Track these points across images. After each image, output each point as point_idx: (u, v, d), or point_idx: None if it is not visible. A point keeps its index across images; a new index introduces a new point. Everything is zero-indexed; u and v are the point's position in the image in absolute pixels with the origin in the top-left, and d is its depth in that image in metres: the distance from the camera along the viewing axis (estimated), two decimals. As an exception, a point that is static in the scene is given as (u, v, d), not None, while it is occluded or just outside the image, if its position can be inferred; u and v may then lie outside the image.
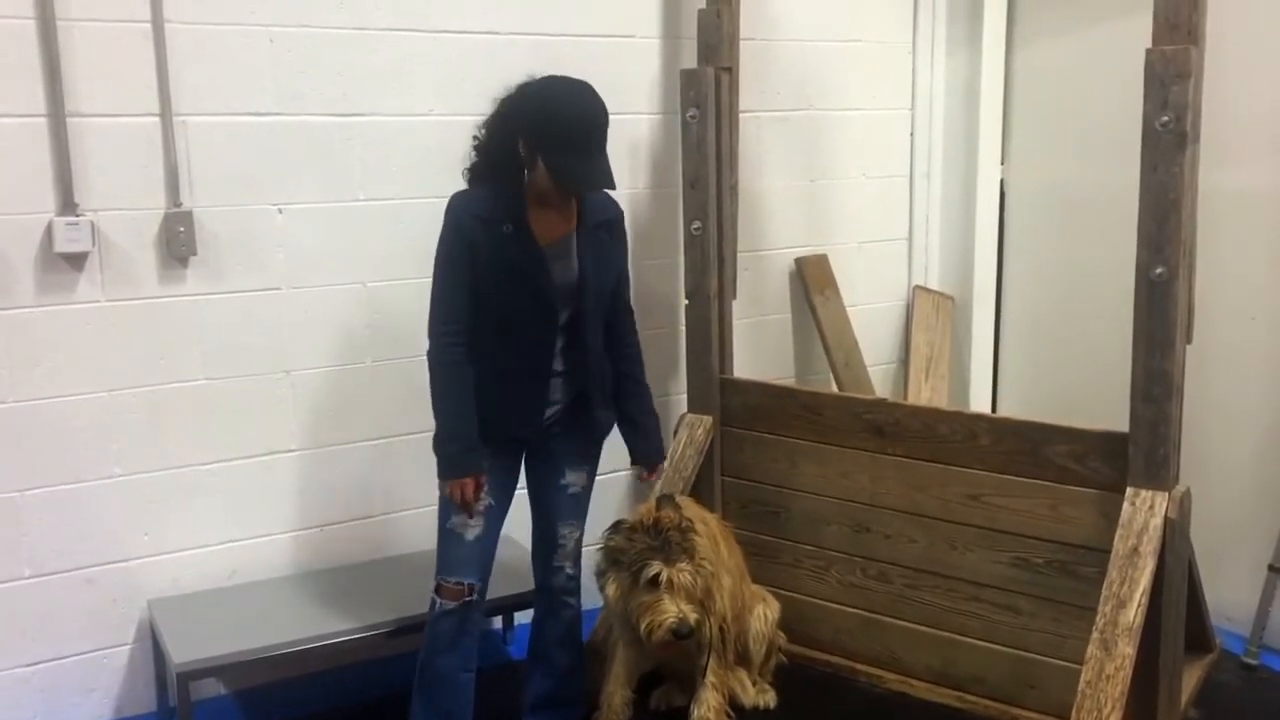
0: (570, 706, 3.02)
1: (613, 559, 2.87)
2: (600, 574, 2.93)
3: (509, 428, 2.75)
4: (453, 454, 2.67)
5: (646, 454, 2.99)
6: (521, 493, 2.93)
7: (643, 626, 2.81)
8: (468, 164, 2.73)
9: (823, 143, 4.12)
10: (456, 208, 2.66)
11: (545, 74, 2.66)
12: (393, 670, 3.33)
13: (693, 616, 2.78)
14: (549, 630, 2.97)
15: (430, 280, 2.69)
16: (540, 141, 2.55)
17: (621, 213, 2.86)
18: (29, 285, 2.92)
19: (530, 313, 2.67)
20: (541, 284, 2.64)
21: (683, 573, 2.78)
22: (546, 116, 2.55)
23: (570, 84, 2.62)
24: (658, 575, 2.77)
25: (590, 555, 3.00)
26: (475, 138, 2.71)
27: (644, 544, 2.80)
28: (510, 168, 2.64)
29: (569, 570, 2.94)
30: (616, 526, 2.90)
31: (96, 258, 2.98)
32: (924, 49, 4.25)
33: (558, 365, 2.76)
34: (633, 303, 2.97)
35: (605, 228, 2.78)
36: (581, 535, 2.95)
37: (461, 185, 2.75)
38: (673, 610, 2.76)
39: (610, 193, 2.77)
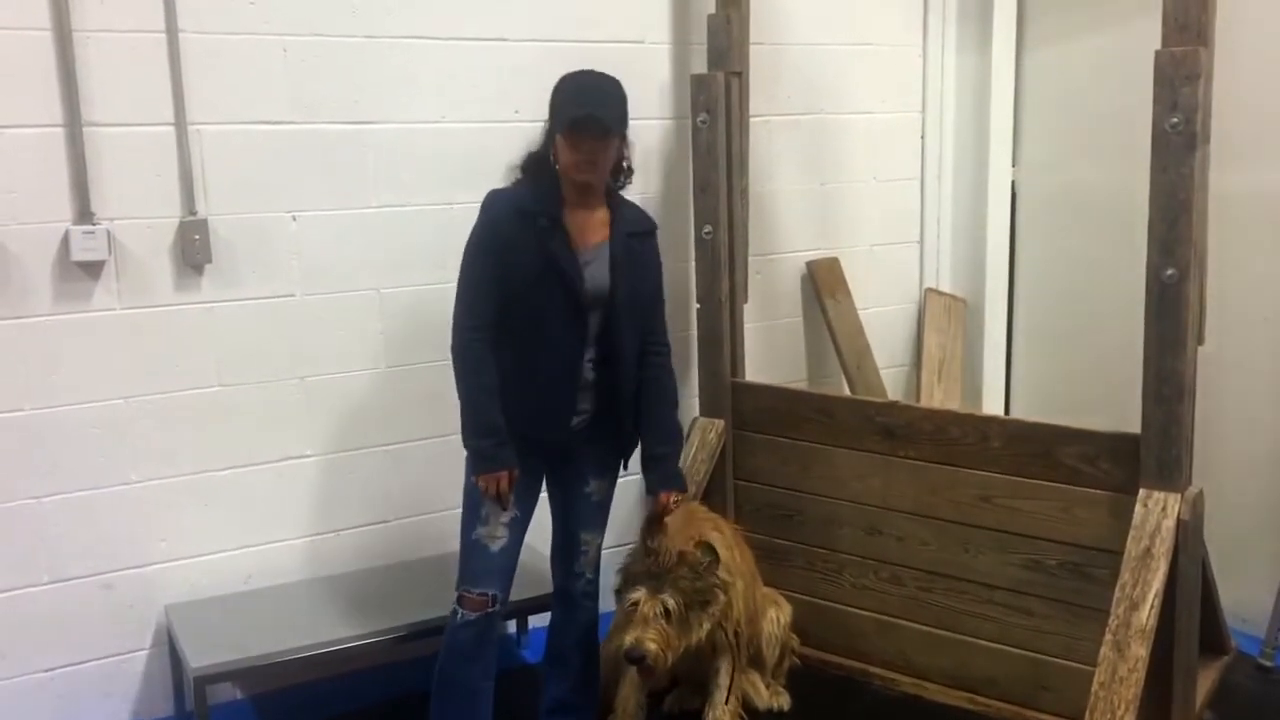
0: (586, 711, 3.02)
1: (625, 579, 2.88)
2: (617, 593, 2.94)
3: (533, 428, 2.73)
4: (486, 448, 2.66)
5: (667, 480, 2.88)
6: (541, 497, 2.93)
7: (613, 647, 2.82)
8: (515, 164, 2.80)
9: (833, 146, 4.13)
10: (493, 204, 2.69)
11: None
12: (408, 674, 3.35)
13: (649, 645, 2.74)
14: (567, 634, 2.98)
15: (455, 277, 2.70)
16: (552, 109, 2.65)
17: (655, 226, 2.85)
18: (46, 293, 2.95)
19: (561, 312, 2.66)
20: (574, 283, 2.65)
21: (660, 603, 2.77)
22: (556, 86, 2.67)
23: (585, 69, 2.71)
24: (634, 602, 2.78)
25: (609, 560, 3.00)
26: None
27: (646, 568, 2.80)
28: (546, 164, 2.71)
29: (588, 576, 2.94)
30: (636, 549, 2.88)
31: (112, 266, 3.01)
32: (934, 52, 4.25)
33: (588, 375, 2.75)
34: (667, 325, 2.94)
35: (639, 239, 2.78)
36: (601, 542, 2.96)
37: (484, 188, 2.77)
38: (630, 635, 2.75)
39: (637, 202, 2.81)
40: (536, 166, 2.73)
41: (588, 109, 2.58)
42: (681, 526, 2.98)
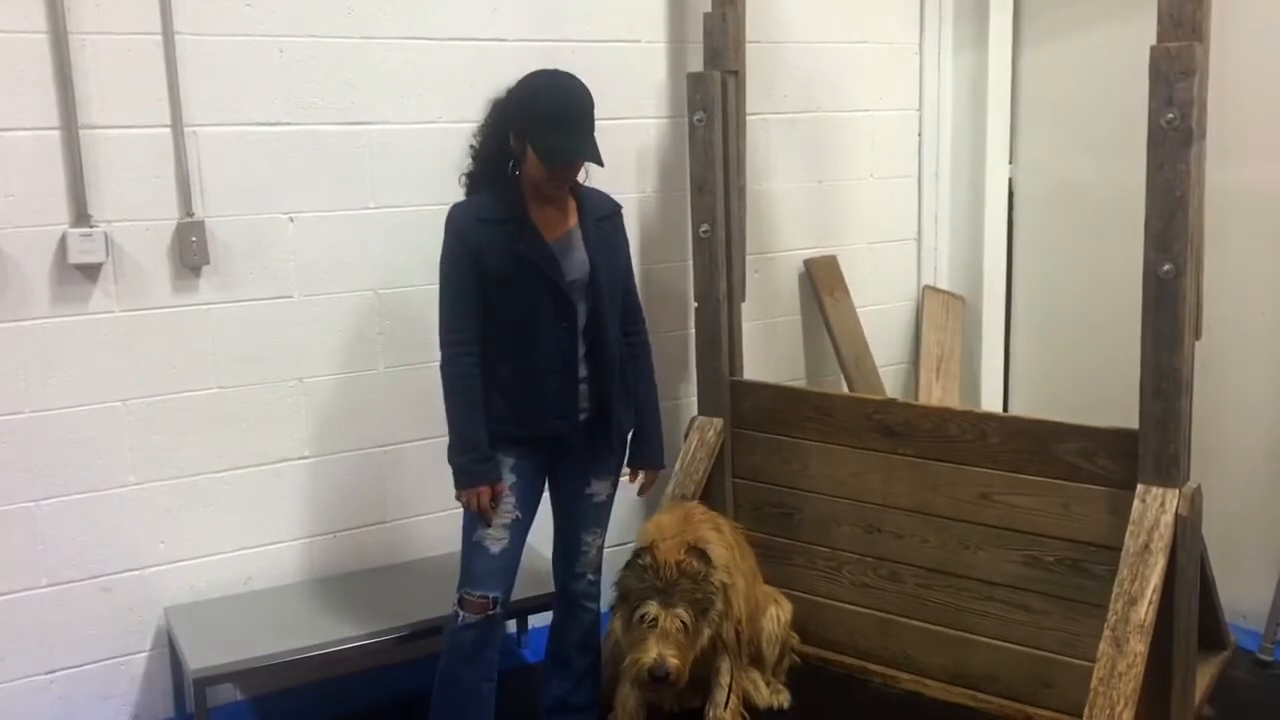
0: (587, 711, 3.02)
1: (622, 594, 2.88)
2: (612, 608, 2.94)
3: (544, 424, 2.72)
4: (466, 464, 2.68)
5: (643, 456, 2.98)
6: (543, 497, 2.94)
7: (626, 663, 2.81)
8: (464, 171, 2.77)
9: (830, 144, 4.13)
10: (457, 216, 2.69)
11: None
12: (407, 674, 3.35)
13: (672, 661, 2.74)
14: (568, 634, 2.98)
15: (437, 290, 2.71)
16: (526, 126, 2.59)
17: (619, 207, 2.89)
18: (44, 296, 2.95)
19: (548, 308, 2.67)
20: (554, 277, 2.65)
21: (677, 618, 2.77)
22: (530, 99, 2.61)
23: (553, 71, 2.67)
24: (654, 617, 2.77)
25: (609, 560, 3.00)
26: (471, 146, 2.76)
27: (650, 583, 2.80)
28: (505, 167, 2.70)
29: (590, 577, 2.95)
30: (631, 563, 2.88)
31: (110, 268, 3.01)
32: (931, 49, 4.26)
33: (582, 370, 2.75)
34: (641, 301, 2.99)
35: (607, 220, 2.82)
36: (603, 543, 2.96)
37: (460, 195, 2.77)
38: (653, 652, 2.75)
39: (614, 194, 2.82)
40: (491, 177, 2.72)
41: (577, 147, 2.58)
42: (679, 527, 2.98)
